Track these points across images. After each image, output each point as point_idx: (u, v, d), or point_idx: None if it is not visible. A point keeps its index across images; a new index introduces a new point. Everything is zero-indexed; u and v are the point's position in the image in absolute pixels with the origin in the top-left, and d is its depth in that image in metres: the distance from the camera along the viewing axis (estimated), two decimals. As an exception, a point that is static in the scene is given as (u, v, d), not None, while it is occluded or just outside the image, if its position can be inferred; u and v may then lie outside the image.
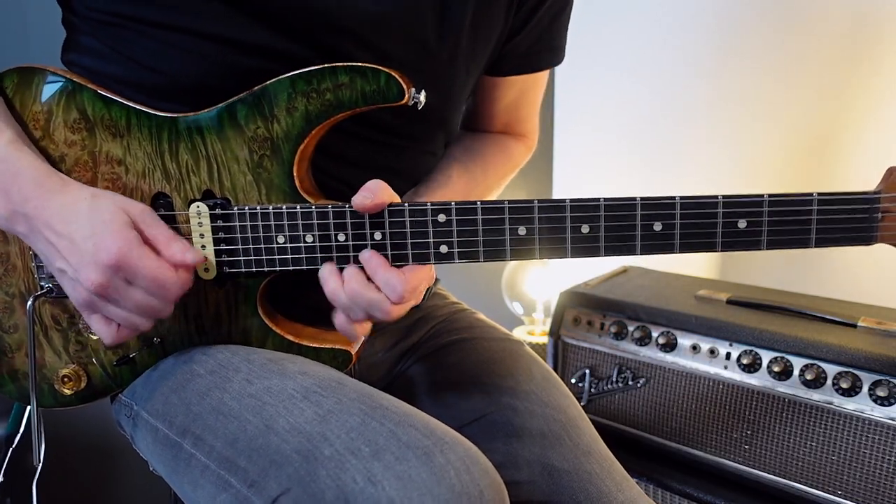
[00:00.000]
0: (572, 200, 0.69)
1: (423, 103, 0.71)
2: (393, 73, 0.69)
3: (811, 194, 0.66)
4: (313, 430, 0.63)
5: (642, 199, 0.68)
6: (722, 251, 0.68)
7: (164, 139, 0.73)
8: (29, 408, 1.00)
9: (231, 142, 0.72)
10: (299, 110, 0.71)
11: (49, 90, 0.74)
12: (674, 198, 0.67)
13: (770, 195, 0.66)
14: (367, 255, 0.71)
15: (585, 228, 0.69)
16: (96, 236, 0.66)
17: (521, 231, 0.70)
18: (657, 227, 0.68)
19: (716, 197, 0.67)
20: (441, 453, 0.59)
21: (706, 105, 1.71)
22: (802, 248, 0.68)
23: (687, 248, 0.68)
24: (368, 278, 0.71)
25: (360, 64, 0.69)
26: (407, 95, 0.69)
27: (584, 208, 0.69)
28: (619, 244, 0.69)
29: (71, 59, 0.80)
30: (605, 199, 0.68)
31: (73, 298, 0.70)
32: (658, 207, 0.68)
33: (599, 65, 1.88)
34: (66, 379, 0.79)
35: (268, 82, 0.71)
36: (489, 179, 0.96)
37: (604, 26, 1.85)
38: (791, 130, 1.58)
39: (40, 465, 0.83)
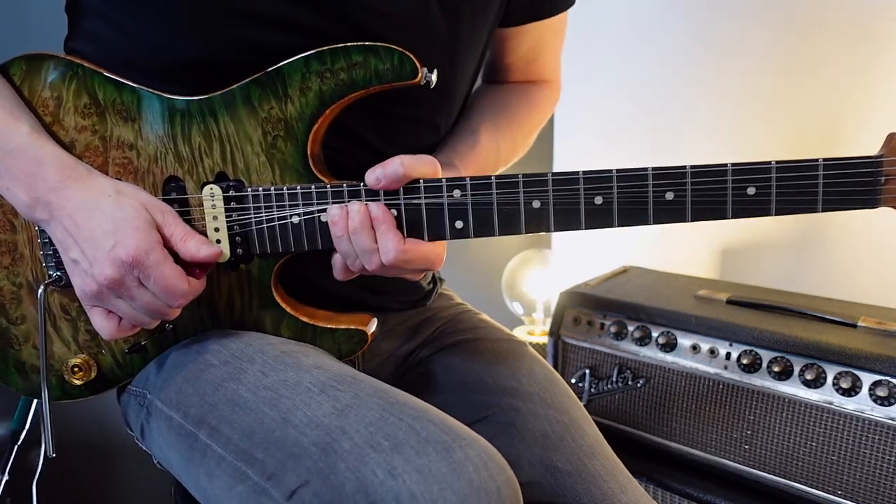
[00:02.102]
0: (585, 172, 0.70)
1: (434, 83, 0.72)
2: (406, 53, 0.70)
3: (817, 160, 0.68)
4: (332, 423, 0.63)
5: (654, 169, 0.69)
6: (733, 218, 0.70)
7: (176, 122, 0.73)
8: (35, 404, 1.00)
9: (244, 123, 0.72)
10: (313, 90, 0.71)
11: (58, 76, 0.74)
12: (684, 167, 0.69)
13: (777, 162, 0.68)
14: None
15: (599, 199, 0.70)
16: (118, 233, 0.66)
17: (536, 204, 0.71)
18: (669, 196, 0.69)
19: (725, 165, 0.69)
20: (460, 449, 0.60)
21: (706, 100, 1.71)
22: (809, 213, 0.70)
23: (698, 215, 0.70)
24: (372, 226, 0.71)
25: (373, 43, 0.70)
26: (420, 74, 0.70)
27: (597, 179, 0.70)
28: (633, 214, 0.70)
29: (74, 48, 0.80)
30: (618, 171, 0.70)
31: (79, 289, 0.69)
32: (669, 177, 0.69)
33: (599, 58, 1.89)
34: (76, 369, 0.78)
35: (282, 63, 0.71)
36: (516, 134, 0.96)
37: (605, 15, 1.84)
38: (793, 119, 1.58)
39: (40, 464, 0.82)
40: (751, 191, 0.69)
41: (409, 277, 0.78)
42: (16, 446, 1.00)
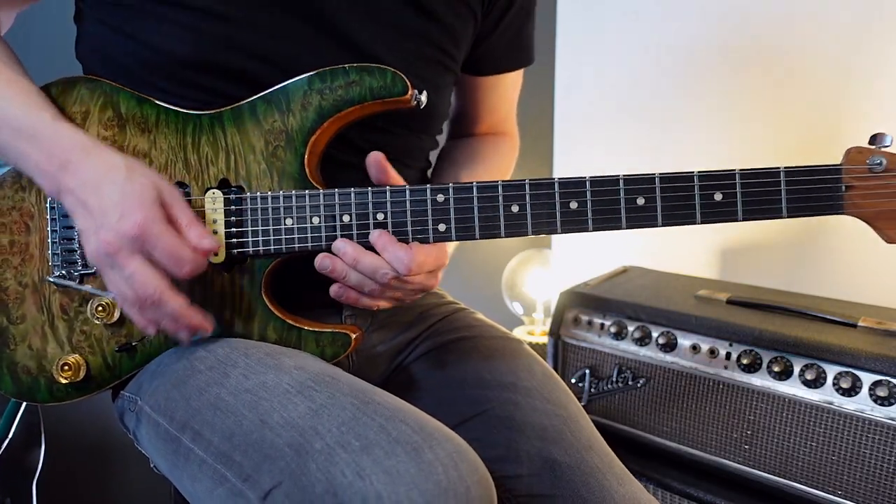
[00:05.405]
0: (560, 178, 0.75)
1: (424, 103, 0.78)
2: (398, 73, 0.77)
3: (778, 168, 0.73)
4: (305, 424, 0.63)
5: (625, 176, 0.74)
6: (702, 223, 0.74)
7: (188, 133, 0.79)
8: (21, 410, 0.99)
9: (249, 134, 0.79)
10: (313, 105, 0.78)
11: (87, 93, 0.80)
12: (653, 174, 0.74)
13: (741, 170, 0.73)
14: (377, 234, 0.75)
15: (574, 204, 0.75)
16: (125, 204, 0.68)
17: (514, 208, 0.75)
18: (640, 201, 0.74)
19: (692, 172, 0.74)
20: (430, 449, 0.60)
21: (706, 101, 1.71)
22: (778, 219, 0.74)
23: (669, 220, 0.74)
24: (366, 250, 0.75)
25: (368, 64, 0.78)
26: (410, 92, 0.77)
27: (572, 185, 0.75)
28: (606, 218, 0.75)
29: (82, 52, 0.86)
30: (591, 177, 0.75)
31: (90, 254, 0.71)
32: (639, 183, 0.74)
33: (599, 59, 1.89)
34: (65, 367, 0.79)
35: (287, 82, 0.78)
36: (494, 176, 0.99)
37: (605, 16, 1.85)
38: (793, 120, 1.58)
39: (40, 464, 0.82)
40: (718, 197, 0.73)
41: (427, 286, 0.78)
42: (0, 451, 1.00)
